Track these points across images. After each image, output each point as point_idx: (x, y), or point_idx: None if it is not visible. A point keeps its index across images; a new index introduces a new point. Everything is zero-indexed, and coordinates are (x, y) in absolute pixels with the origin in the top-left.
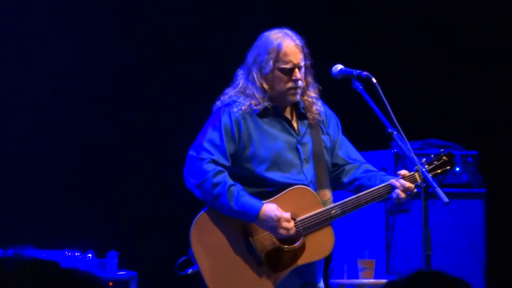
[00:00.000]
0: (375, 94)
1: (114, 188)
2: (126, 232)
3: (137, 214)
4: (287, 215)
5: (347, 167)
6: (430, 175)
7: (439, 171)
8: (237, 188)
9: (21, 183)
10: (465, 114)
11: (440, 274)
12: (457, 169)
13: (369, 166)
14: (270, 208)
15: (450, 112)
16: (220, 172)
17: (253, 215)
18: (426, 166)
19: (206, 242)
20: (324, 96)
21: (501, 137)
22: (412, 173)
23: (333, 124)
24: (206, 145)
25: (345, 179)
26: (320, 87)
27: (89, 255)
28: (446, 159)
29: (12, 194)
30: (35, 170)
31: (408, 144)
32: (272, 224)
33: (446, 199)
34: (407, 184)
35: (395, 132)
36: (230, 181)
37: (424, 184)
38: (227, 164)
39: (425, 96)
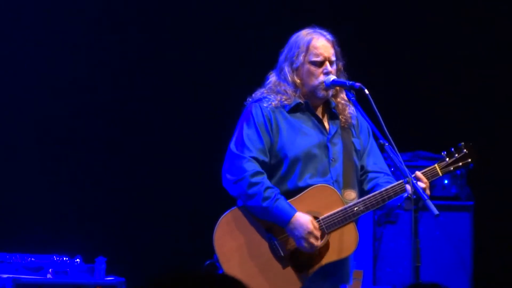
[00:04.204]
0: (367, 105)
1: (103, 194)
2: (115, 238)
3: (125, 220)
4: (318, 232)
5: (370, 176)
6: (451, 168)
7: (460, 164)
8: (273, 191)
9: (10, 187)
10: (454, 127)
11: (438, 286)
12: (446, 181)
13: (391, 179)
14: (304, 218)
15: (440, 124)
16: (259, 173)
17: (285, 220)
18: (447, 159)
19: (230, 244)
20: None
21: (490, 150)
22: (433, 166)
23: (365, 130)
24: (246, 141)
25: (366, 187)
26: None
27: (77, 260)
28: (467, 151)
29: (1, 199)
30: (24, 176)
31: (399, 156)
32: (301, 234)
33: (436, 212)
34: (425, 178)
35: (387, 144)
36: (267, 183)
37: (415, 196)
38: (266, 160)
39: (414, 107)
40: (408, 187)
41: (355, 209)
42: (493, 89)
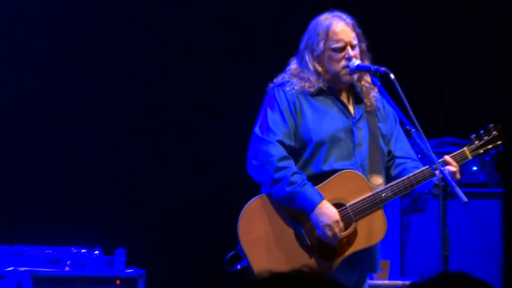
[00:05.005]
0: (393, 90)
1: (122, 185)
2: (134, 230)
3: (145, 212)
4: (342, 225)
5: (397, 161)
6: (481, 151)
7: (490, 146)
8: (300, 177)
9: (29, 179)
10: (482, 113)
11: (466, 276)
12: (474, 168)
13: (419, 164)
14: (331, 208)
15: (468, 110)
16: (286, 157)
17: (311, 207)
18: (476, 142)
19: (255, 233)
20: None
21: None
22: (462, 149)
23: (391, 115)
24: (271, 125)
25: (394, 173)
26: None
27: (96, 252)
28: (497, 133)
29: (19, 190)
30: (42, 166)
31: (427, 142)
32: (327, 222)
33: (465, 199)
34: (454, 162)
35: (414, 130)
36: (294, 168)
37: (443, 183)
38: (292, 144)
39: (442, 93)
40: (437, 173)
41: (383, 195)
42: None
